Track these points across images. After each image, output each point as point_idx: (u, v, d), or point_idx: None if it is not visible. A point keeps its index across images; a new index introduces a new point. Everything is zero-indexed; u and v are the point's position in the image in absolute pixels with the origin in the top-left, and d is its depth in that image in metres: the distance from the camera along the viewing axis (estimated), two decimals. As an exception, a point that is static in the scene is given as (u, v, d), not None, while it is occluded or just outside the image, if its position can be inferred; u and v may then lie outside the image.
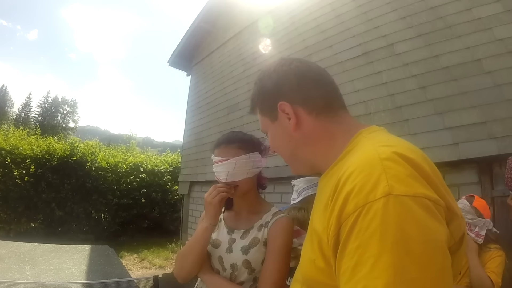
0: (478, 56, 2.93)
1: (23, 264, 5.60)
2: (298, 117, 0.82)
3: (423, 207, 0.53)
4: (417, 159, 0.61)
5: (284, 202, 4.40)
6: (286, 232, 1.41)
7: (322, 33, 4.54)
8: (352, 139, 0.76)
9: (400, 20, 3.59)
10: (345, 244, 0.56)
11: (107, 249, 7.58)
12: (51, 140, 10.52)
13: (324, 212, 0.66)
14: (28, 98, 68.30)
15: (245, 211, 1.53)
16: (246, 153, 1.43)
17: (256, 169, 1.46)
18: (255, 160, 1.45)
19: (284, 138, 0.87)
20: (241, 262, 1.40)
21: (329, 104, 0.83)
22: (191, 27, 7.95)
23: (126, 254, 8.40)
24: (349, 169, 0.62)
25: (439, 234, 0.53)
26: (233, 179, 1.42)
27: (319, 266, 0.67)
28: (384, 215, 0.52)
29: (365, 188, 0.56)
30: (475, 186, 2.82)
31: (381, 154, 0.61)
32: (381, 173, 0.56)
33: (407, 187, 0.55)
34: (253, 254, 1.40)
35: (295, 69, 0.86)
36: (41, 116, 66.38)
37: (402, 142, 0.70)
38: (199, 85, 7.91)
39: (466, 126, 2.89)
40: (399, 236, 0.50)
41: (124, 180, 10.67)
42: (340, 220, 0.58)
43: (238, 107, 5.94)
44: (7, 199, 8.94)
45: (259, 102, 0.92)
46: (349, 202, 0.57)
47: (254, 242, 1.42)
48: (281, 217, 1.45)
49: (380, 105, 3.59)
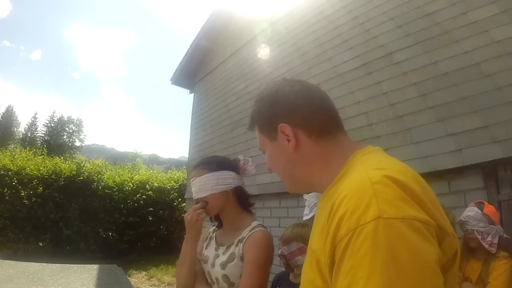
0: (476, 60, 2.94)
1: (32, 285, 5.60)
2: (298, 139, 0.84)
3: (413, 229, 0.55)
4: (407, 181, 0.63)
5: (291, 216, 4.40)
6: (259, 245, 1.47)
7: (320, 46, 4.58)
8: (348, 161, 0.79)
9: (397, 29, 3.62)
10: (339, 265, 0.58)
11: (115, 268, 7.56)
12: (58, 160, 10.62)
13: (320, 234, 0.69)
14: (34, 118, 69.10)
15: (229, 228, 1.64)
16: (209, 172, 1.58)
17: (222, 186, 1.58)
18: (219, 177, 1.58)
19: (282, 159, 0.89)
20: (220, 276, 1.50)
21: (328, 128, 0.85)
22: (192, 45, 8.03)
23: (134, 272, 8.37)
24: (342, 193, 0.64)
25: (429, 254, 0.55)
26: (199, 195, 1.58)
27: (318, 285, 0.68)
28: (374, 238, 0.54)
29: (357, 212, 0.58)
30: (481, 191, 2.79)
31: (372, 178, 0.63)
32: (372, 197, 0.59)
33: (397, 209, 0.57)
34: (230, 268, 1.49)
35: (297, 91, 0.88)
36: (47, 136, 66.94)
37: (394, 164, 0.72)
38: (202, 102, 7.96)
39: (468, 131, 2.88)
40: (389, 257, 0.52)
41: (131, 199, 10.68)
42: (334, 243, 0.60)
43: (241, 123, 5.96)
44: (15, 219, 9.01)
45: (259, 121, 0.93)
46: (342, 226, 0.59)
47: (231, 258, 1.51)
48: (256, 231, 1.52)
49: (381, 115, 3.59)
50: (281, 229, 2.03)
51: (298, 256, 1.71)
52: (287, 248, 1.78)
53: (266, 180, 4.97)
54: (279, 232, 1.92)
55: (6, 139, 57.74)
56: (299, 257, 1.70)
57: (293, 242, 1.77)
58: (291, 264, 1.77)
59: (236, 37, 6.77)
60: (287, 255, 1.78)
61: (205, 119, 7.56)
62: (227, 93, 6.77)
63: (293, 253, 1.75)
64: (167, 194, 11.32)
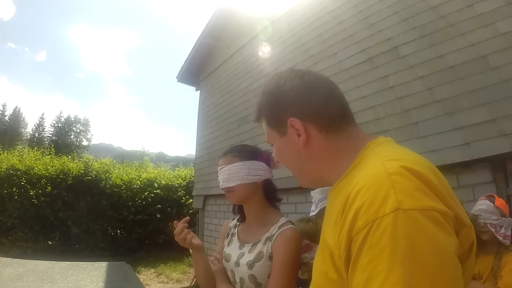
0: (483, 53, 2.90)
1: (41, 282, 5.65)
2: (308, 134, 0.82)
3: (432, 220, 0.54)
4: (424, 171, 0.62)
5: (299, 212, 4.39)
6: (289, 245, 1.38)
7: (325, 41, 4.56)
8: (360, 153, 0.77)
9: (402, 22, 3.59)
10: (357, 259, 0.57)
11: (124, 265, 7.62)
12: (65, 160, 10.71)
13: (334, 227, 0.68)
14: (42, 119, 69.68)
15: (254, 224, 1.54)
16: (240, 160, 1.49)
17: (253, 176, 1.49)
18: (251, 167, 1.49)
19: (292, 153, 0.86)
20: (247, 277, 1.41)
21: (339, 121, 0.83)
22: (197, 43, 8.06)
23: (143, 269, 8.43)
24: (357, 185, 0.63)
25: (448, 246, 0.54)
26: (228, 184, 1.49)
27: (332, 278, 0.68)
28: (394, 230, 0.53)
29: (375, 204, 0.57)
30: (489, 185, 2.77)
31: (389, 169, 0.62)
32: (390, 188, 0.58)
33: (415, 200, 0.56)
34: (258, 268, 1.40)
35: (306, 83, 0.85)
36: (54, 136, 67.44)
37: (409, 154, 0.71)
38: (208, 99, 7.99)
39: (476, 125, 2.85)
40: (409, 249, 0.51)
41: (139, 196, 10.76)
42: (351, 235, 0.59)
43: (248, 119, 5.97)
44: (24, 218, 9.09)
45: (267, 115, 0.90)
46: (359, 218, 0.58)
47: (259, 257, 1.42)
48: (286, 229, 1.42)
49: (388, 110, 3.57)
50: (289, 225, 2.02)
51: (304, 253, 1.63)
52: None
53: (274, 175, 4.95)
54: (286, 228, 1.92)
55: (14, 140, 58.29)
56: (305, 255, 1.63)
57: None
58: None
59: (240, 34, 6.77)
60: None
61: (211, 116, 7.58)
62: (233, 89, 6.78)
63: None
64: (174, 191, 11.39)
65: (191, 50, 8.31)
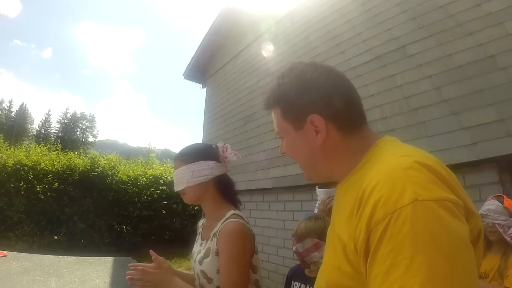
0: (491, 53, 2.90)
1: (48, 276, 5.71)
2: (328, 132, 0.81)
3: (446, 209, 0.58)
4: (435, 165, 0.66)
5: (305, 210, 4.41)
6: (231, 239, 1.37)
7: (333, 39, 4.56)
8: (369, 151, 0.80)
9: (410, 21, 3.58)
10: (376, 250, 0.59)
11: (130, 260, 7.67)
12: (72, 156, 10.81)
13: (348, 221, 0.70)
14: (48, 115, 70.23)
15: (211, 220, 1.56)
16: (185, 164, 1.53)
17: (197, 178, 1.51)
18: (194, 170, 1.51)
19: (306, 149, 0.86)
20: (199, 272, 1.43)
21: (356, 121, 0.84)
22: (203, 40, 8.08)
23: (148, 265, 8.48)
24: (373, 180, 0.66)
25: (462, 232, 0.58)
26: (177, 188, 1.55)
27: (345, 271, 0.70)
28: (414, 219, 0.56)
29: (393, 196, 0.60)
30: (496, 185, 2.76)
31: (402, 164, 0.65)
32: (406, 181, 0.61)
33: (430, 192, 0.59)
34: (207, 264, 1.41)
35: (333, 82, 0.84)
36: (61, 132, 67.93)
37: (418, 151, 0.74)
38: (214, 97, 8.00)
39: (483, 125, 2.85)
40: (429, 237, 0.55)
41: (144, 193, 10.83)
42: (369, 227, 0.61)
43: (254, 117, 5.99)
44: (30, 213, 9.20)
45: (284, 106, 0.87)
46: (377, 210, 0.61)
47: (207, 253, 1.43)
48: (227, 223, 1.41)
49: (395, 109, 3.57)
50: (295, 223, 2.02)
51: (314, 252, 1.65)
52: (302, 245, 1.71)
53: (280, 173, 5.00)
54: (293, 226, 1.91)
55: (21, 136, 58.66)
56: (314, 254, 1.64)
57: (307, 238, 1.70)
58: (307, 261, 1.70)
59: (247, 32, 6.77)
60: (302, 253, 1.71)
61: (218, 113, 7.60)
62: (240, 87, 6.79)
63: (308, 250, 1.69)
64: (180, 188, 11.39)
65: (198, 47, 8.33)
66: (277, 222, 5.09)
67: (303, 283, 1.88)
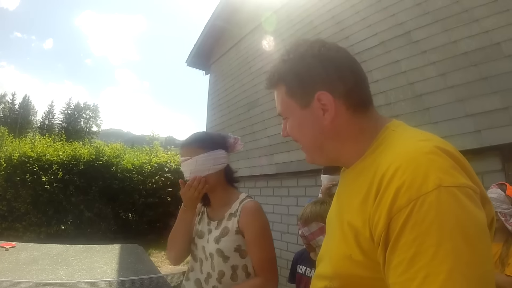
0: (497, 40, 2.86)
1: (56, 265, 5.78)
2: (336, 111, 0.78)
3: (467, 196, 0.58)
4: (454, 151, 0.65)
5: (308, 195, 4.42)
6: (255, 217, 1.51)
7: (337, 24, 4.52)
8: (380, 134, 0.78)
9: (416, 7, 3.54)
10: (399, 237, 0.57)
11: (136, 247, 7.77)
12: (77, 145, 10.88)
13: (362, 207, 0.68)
14: (51, 106, 70.30)
15: (218, 204, 1.63)
16: (206, 151, 1.55)
17: (218, 165, 1.57)
18: (216, 157, 1.57)
19: (314, 129, 0.81)
20: (215, 251, 1.49)
21: (364, 100, 0.81)
22: (206, 26, 8.00)
23: (154, 251, 8.62)
24: (393, 164, 0.63)
25: (482, 218, 0.58)
26: (199, 174, 1.55)
27: (357, 260, 0.68)
28: (439, 206, 0.55)
29: (416, 182, 0.58)
30: (499, 173, 2.75)
31: (423, 148, 0.64)
32: (429, 166, 0.60)
33: (453, 178, 0.59)
34: (224, 243, 1.49)
35: (344, 58, 0.81)
36: (64, 122, 68.15)
37: (435, 136, 0.73)
38: (218, 83, 7.95)
39: (488, 112, 2.84)
40: (455, 224, 0.54)
41: (149, 180, 10.90)
42: (391, 214, 0.59)
43: (258, 103, 5.96)
44: (37, 203, 9.31)
45: (291, 82, 0.83)
46: (400, 196, 0.59)
47: (224, 232, 1.51)
48: (246, 202, 1.54)
49: (400, 95, 3.56)
50: (299, 208, 2.04)
51: (319, 236, 1.69)
52: (308, 229, 1.76)
53: (284, 159, 5.02)
54: (296, 211, 1.93)
55: (25, 127, 58.93)
56: (320, 237, 1.68)
57: (313, 222, 1.75)
58: (313, 244, 1.76)
59: (251, 17, 6.69)
60: (308, 236, 1.76)
61: (222, 99, 7.58)
62: (243, 73, 6.74)
63: (314, 234, 1.73)
64: (185, 175, 11.46)
65: (201, 33, 8.24)
66: (281, 208, 5.11)
67: (308, 267, 1.92)
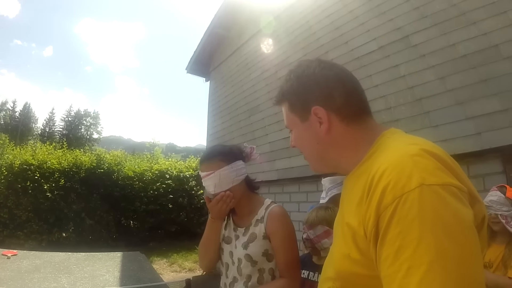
0: (495, 42, 2.88)
1: (58, 273, 5.75)
2: (331, 123, 0.86)
3: (451, 194, 0.61)
4: (441, 154, 0.69)
5: (310, 201, 4.44)
6: (282, 221, 1.55)
7: (336, 30, 4.54)
8: (376, 141, 0.83)
9: (414, 11, 3.56)
10: (386, 232, 0.62)
11: (138, 255, 7.74)
12: (78, 153, 10.88)
13: (358, 208, 0.73)
14: (52, 113, 70.20)
15: (243, 212, 1.67)
16: (228, 164, 1.58)
17: (240, 176, 1.60)
18: (237, 169, 1.60)
19: (312, 140, 0.90)
20: (243, 256, 1.54)
21: (360, 113, 0.88)
22: (206, 33, 8.03)
23: (156, 258, 8.59)
24: (381, 166, 0.68)
25: (467, 215, 0.61)
26: (221, 189, 1.57)
27: (354, 258, 0.73)
28: (421, 202, 0.59)
29: (401, 181, 0.62)
30: (500, 175, 2.76)
31: (410, 151, 0.68)
32: (413, 167, 0.64)
33: (436, 177, 0.62)
34: (252, 248, 1.53)
35: (335, 76, 0.89)
36: (65, 130, 67.96)
37: (425, 140, 0.77)
38: (218, 90, 7.97)
39: (488, 114, 2.85)
40: (436, 219, 0.57)
41: (150, 187, 10.92)
42: (379, 211, 0.64)
43: (259, 109, 5.98)
44: (38, 211, 9.29)
45: (291, 99, 0.93)
46: (386, 195, 0.63)
47: (252, 237, 1.56)
48: (272, 208, 1.59)
49: (399, 99, 3.57)
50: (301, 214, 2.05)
51: (324, 239, 1.73)
52: (313, 232, 1.80)
53: (285, 165, 5.02)
54: (298, 217, 1.95)
55: (26, 135, 58.76)
56: (325, 240, 1.72)
57: (318, 225, 1.79)
58: (318, 247, 1.79)
59: (250, 24, 6.73)
60: (313, 239, 1.79)
61: (222, 106, 7.58)
62: (243, 79, 6.76)
63: (319, 237, 1.77)
64: (186, 181, 11.53)
65: (200, 40, 8.27)
66: (283, 214, 5.05)
67: (311, 271, 1.92)
